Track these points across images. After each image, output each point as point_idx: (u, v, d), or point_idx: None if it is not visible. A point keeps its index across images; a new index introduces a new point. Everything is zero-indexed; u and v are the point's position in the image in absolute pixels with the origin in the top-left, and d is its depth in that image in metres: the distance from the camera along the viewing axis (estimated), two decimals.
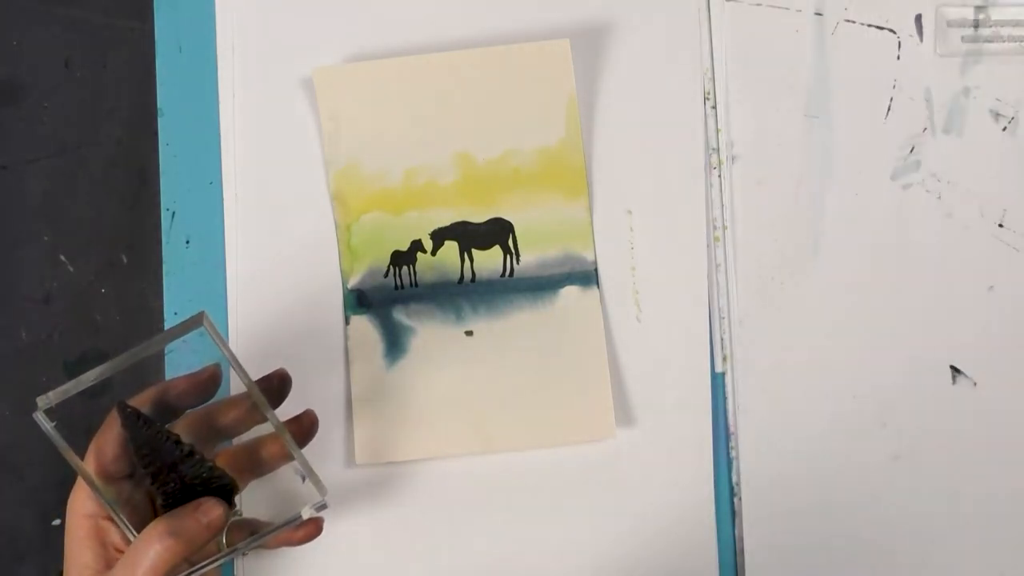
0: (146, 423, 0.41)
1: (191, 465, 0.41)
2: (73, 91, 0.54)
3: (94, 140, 0.54)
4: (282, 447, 0.44)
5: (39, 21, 0.54)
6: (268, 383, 0.44)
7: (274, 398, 0.44)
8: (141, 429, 0.40)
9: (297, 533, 0.44)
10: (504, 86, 0.51)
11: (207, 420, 0.44)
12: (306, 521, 0.43)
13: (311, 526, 0.44)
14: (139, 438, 0.41)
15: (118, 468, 0.41)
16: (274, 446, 0.45)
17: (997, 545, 0.52)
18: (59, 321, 0.53)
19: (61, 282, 0.54)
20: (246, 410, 0.44)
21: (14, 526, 0.53)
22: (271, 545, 0.45)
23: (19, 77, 0.54)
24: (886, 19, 0.53)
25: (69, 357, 0.53)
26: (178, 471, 0.41)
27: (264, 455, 0.46)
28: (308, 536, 0.44)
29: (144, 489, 0.43)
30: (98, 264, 0.54)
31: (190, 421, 0.44)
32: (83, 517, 0.41)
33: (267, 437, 0.46)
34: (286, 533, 0.44)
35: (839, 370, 0.52)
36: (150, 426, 0.41)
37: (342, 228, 0.51)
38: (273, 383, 0.45)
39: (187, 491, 0.41)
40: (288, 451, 0.43)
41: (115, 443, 0.41)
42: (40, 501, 0.53)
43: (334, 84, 0.51)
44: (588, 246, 0.52)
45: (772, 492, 0.52)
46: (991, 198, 0.53)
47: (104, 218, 0.54)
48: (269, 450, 0.45)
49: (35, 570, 0.53)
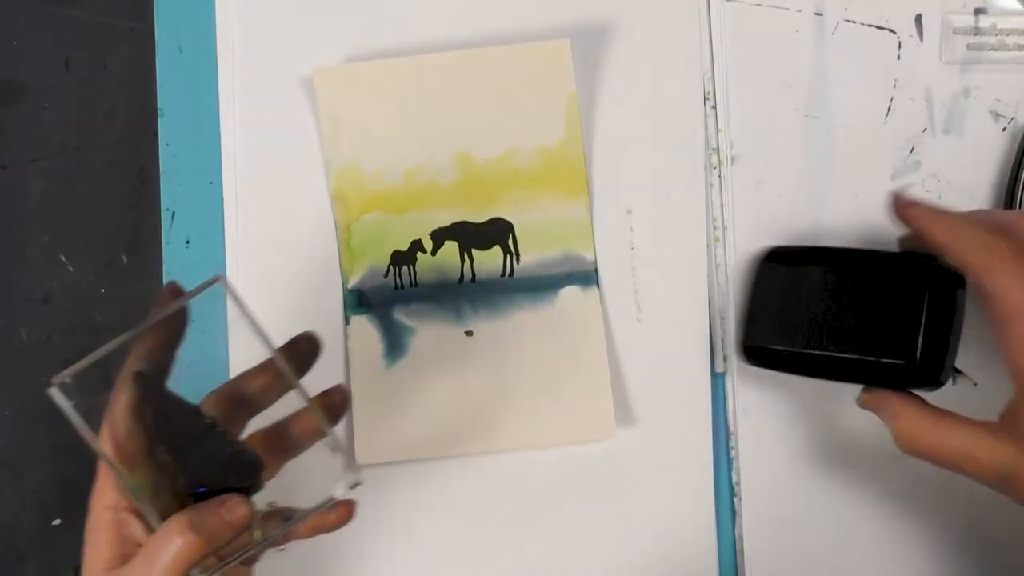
0: (163, 392, 0.38)
1: (214, 439, 0.38)
2: (73, 91, 0.54)
3: (94, 140, 0.54)
4: (312, 423, 0.42)
5: (39, 21, 0.54)
6: (294, 347, 0.42)
7: (301, 364, 0.42)
8: (159, 399, 0.38)
9: (330, 516, 0.42)
10: (504, 86, 0.51)
11: (231, 393, 0.42)
12: (339, 503, 0.40)
13: (344, 508, 0.42)
14: (157, 409, 0.38)
15: (132, 444, 0.39)
16: (304, 422, 0.42)
17: (997, 545, 0.52)
18: (59, 321, 0.53)
19: (61, 282, 0.54)
20: (271, 377, 0.41)
21: (14, 526, 0.53)
22: (305, 533, 0.42)
23: (19, 77, 0.54)
24: (886, 19, 0.53)
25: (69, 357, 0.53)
26: (199, 446, 0.38)
27: (294, 432, 0.43)
28: (341, 519, 0.42)
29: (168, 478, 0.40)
30: (98, 264, 0.54)
31: (213, 396, 0.42)
32: (104, 509, 0.40)
33: (296, 414, 0.43)
34: (318, 518, 0.41)
35: None
36: (168, 396, 0.38)
37: (342, 228, 0.51)
38: (300, 347, 0.42)
39: (210, 468, 0.38)
40: (319, 427, 0.40)
41: (128, 416, 0.38)
42: (40, 501, 0.53)
43: (334, 84, 0.51)
44: (588, 246, 0.51)
45: (772, 492, 0.52)
46: (991, 198, 0.52)
47: (104, 218, 0.54)
48: (299, 427, 0.42)
49: (35, 570, 0.53)
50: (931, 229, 0.41)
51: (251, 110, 0.52)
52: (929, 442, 0.41)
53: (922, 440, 0.41)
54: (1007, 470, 0.39)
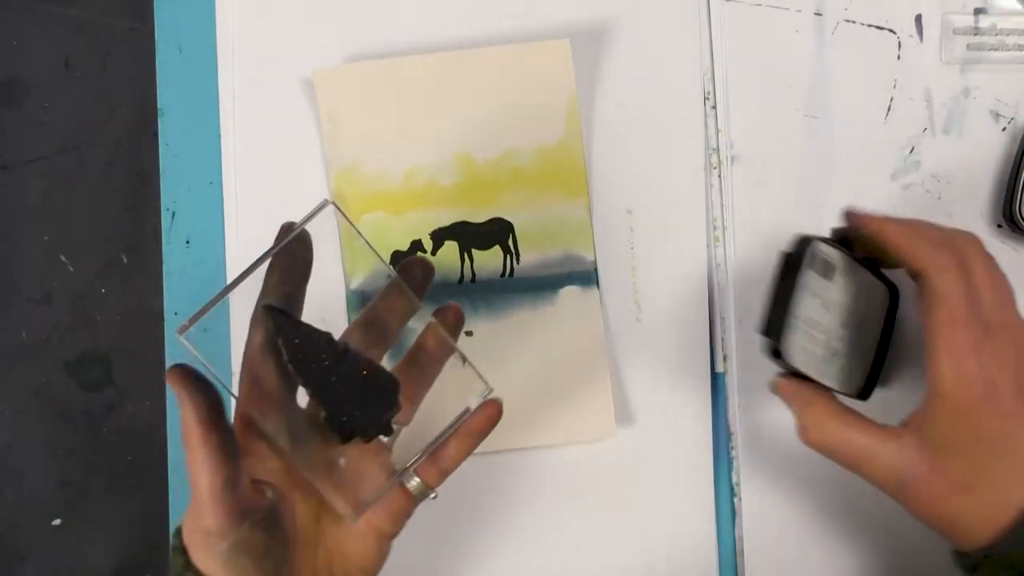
0: (297, 323, 0.38)
1: (349, 364, 0.39)
2: (73, 91, 0.54)
3: (94, 140, 0.54)
4: (439, 341, 0.42)
5: (39, 21, 0.54)
6: (409, 271, 0.42)
7: (418, 288, 0.42)
8: (293, 330, 0.38)
9: (476, 420, 0.41)
10: (504, 86, 0.51)
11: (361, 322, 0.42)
12: (483, 404, 0.41)
13: (490, 406, 0.42)
14: (292, 340, 0.38)
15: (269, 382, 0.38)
16: (429, 342, 0.43)
17: None
18: (59, 321, 0.53)
19: (61, 282, 0.54)
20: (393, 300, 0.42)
21: (14, 526, 0.53)
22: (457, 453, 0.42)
23: (19, 77, 0.54)
24: (886, 19, 0.53)
25: (69, 357, 0.53)
26: (337, 372, 0.39)
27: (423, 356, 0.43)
28: (490, 419, 0.42)
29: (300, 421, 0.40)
30: (98, 264, 0.54)
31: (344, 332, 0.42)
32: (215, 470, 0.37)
33: (420, 337, 0.43)
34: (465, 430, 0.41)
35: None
36: (302, 326, 0.38)
37: (343, 228, 0.51)
38: (415, 272, 0.42)
39: (349, 394, 0.39)
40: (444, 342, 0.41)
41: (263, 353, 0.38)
42: (40, 501, 0.53)
43: (334, 84, 0.51)
44: (588, 246, 0.52)
45: (772, 492, 0.52)
46: (991, 198, 0.52)
47: (104, 218, 0.54)
48: (426, 349, 0.43)
49: (35, 570, 0.53)
50: (885, 231, 0.41)
51: (251, 110, 0.52)
52: (834, 437, 0.40)
53: (827, 435, 0.41)
54: (905, 477, 0.39)
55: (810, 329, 0.43)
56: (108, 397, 0.53)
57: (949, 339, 0.38)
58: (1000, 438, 0.38)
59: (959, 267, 0.39)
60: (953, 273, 0.39)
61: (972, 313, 0.38)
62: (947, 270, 0.39)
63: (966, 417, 0.38)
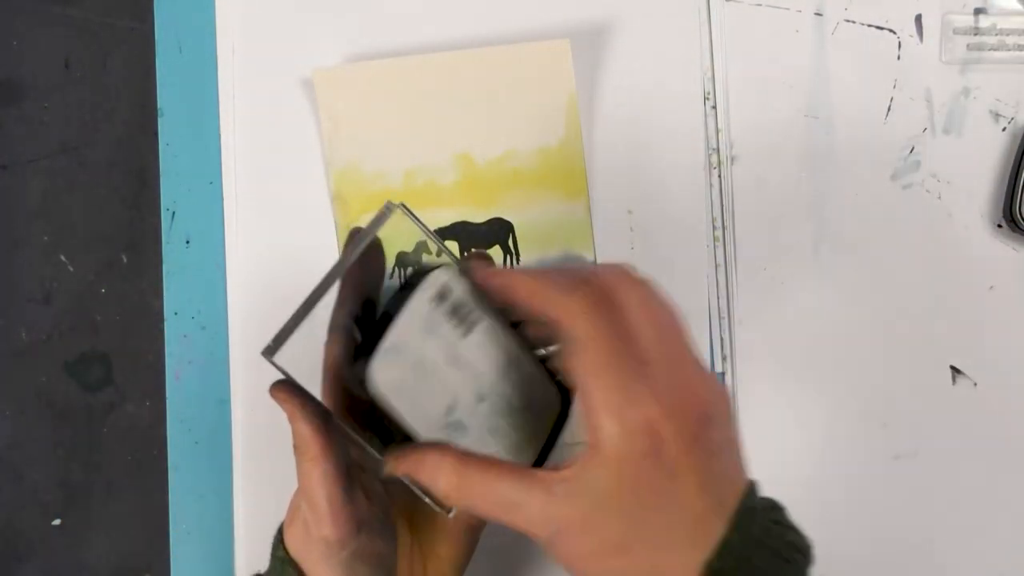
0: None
1: None
2: (73, 91, 0.54)
3: (94, 140, 0.54)
4: None
5: (39, 21, 0.54)
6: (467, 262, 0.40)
7: None
8: None
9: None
10: (504, 86, 0.51)
11: None
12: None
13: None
14: None
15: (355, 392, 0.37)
16: None
17: (997, 545, 0.52)
18: (59, 321, 0.53)
19: (61, 282, 0.54)
20: None
21: (14, 526, 0.53)
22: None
23: (19, 77, 0.54)
24: (886, 19, 0.53)
25: (69, 357, 0.53)
26: None
27: None
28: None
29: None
30: (98, 264, 0.54)
31: None
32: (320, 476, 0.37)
33: None
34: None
35: (839, 370, 0.52)
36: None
37: (342, 228, 0.51)
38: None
39: None
40: None
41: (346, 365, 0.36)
42: (40, 501, 0.53)
43: (334, 84, 0.51)
44: (588, 246, 0.51)
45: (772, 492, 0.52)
46: (991, 198, 0.53)
47: (104, 218, 0.54)
48: None
49: (35, 570, 0.53)
50: (511, 288, 0.35)
51: (251, 110, 0.52)
52: (478, 492, 0.34)
53: (472, 490, 0.34)
54: (556, 527, 0.32)
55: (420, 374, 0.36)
56: (108, 397, 0.53)
57: (598, 388, 0.32)
58: (664, 493, 0.32)
59: (595, 307, 0.33)
60: (589, 315, 0.33)
61: (620, 356, 0.32)
62: (580, 313, 0.33)
63: (625, 471, 0.32)
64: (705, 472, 0.32)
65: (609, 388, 0.32)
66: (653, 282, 0.35)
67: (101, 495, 0.53)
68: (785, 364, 0.52)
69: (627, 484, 0.32)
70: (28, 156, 0.54)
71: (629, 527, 0.32)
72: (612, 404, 0.32)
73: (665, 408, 0.32)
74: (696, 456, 0.32)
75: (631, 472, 0.32)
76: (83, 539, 0.53)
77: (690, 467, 0.32)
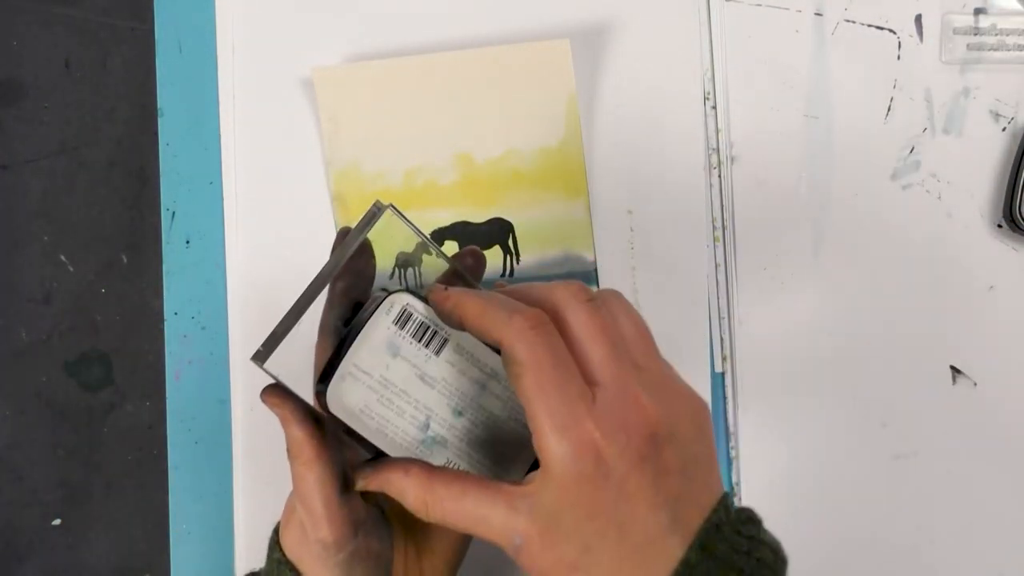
0: None
1: None
2: (73, 91, 0.54)
3: (94, 140, 0.54)
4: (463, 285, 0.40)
5: (39, 21, 0.54)
6: (462, 259, 0.41)
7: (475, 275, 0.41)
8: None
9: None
10: (504, 86, 0.51)
11: None
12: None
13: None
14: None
15: None
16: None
17: (997, 545, 0.52)
18: (59, 321, 0.53)
19: (61, 282, 0.54)
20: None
21: (14, 526, 0.53)
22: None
23: (19, 77, 0.54)
24: (886, 19, 0.53)
25: (69, 357, 0.53)
26: None
27: None
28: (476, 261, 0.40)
29: None
30: (98, 264, 0.54)
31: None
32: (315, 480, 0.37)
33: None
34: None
35: (839, 370, 0.52)
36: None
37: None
38: (466, 260, 0.41)
39: None
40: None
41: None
42: (40, 501, 0.53)
43: (334, 84, 0.51)
44: (588, 246, 0.52)
45: (772, 492, 0.52)
46: (991, 198, 0.53)
47: (104, 218, 0.54)
48: None
49: (35, 570, 0.53)
50: (460, 310, 0.35)
51: (251, 110, 0.52)
52: (447, 507, 0.35)
53: (441, 505, 0.35)
54: (519, 541, 0.33)
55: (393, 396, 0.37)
56: (108, 397, 0.53)
57: (539, 411, 0.32)
58: (614, 514, 0.32)
59: (535, 331, 0.33)
60: (530, 336, 0.33)
61: (562, 378, 0.32)
62: (522, 333, 0.33)
63: (575, 493, 0.32)
64: (655, 492, 0.32)
65: (551, 411, 0.32)
66: (615, 297, 0.35)
67: (101, 495, 0.53)
68: (785, 364, 0.52)
69: (578, 505, 0.32)
70: (28, 156, 0.54)
71: (583, 548, 0.32)
72: (555, 426, 0.32)
73: (605, 429, 0.32)
74: (644, 476, 0.32)
75: (577, 493, 0.32)
76: (83, 539, 0.53)
77: (639, 487, 0.32)
